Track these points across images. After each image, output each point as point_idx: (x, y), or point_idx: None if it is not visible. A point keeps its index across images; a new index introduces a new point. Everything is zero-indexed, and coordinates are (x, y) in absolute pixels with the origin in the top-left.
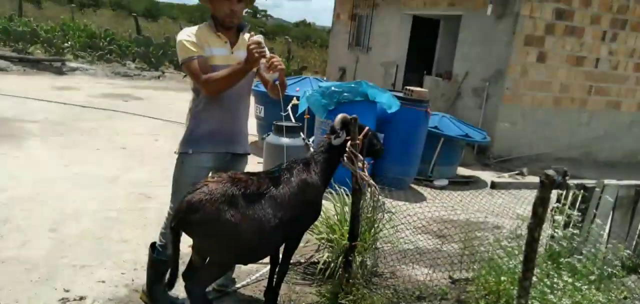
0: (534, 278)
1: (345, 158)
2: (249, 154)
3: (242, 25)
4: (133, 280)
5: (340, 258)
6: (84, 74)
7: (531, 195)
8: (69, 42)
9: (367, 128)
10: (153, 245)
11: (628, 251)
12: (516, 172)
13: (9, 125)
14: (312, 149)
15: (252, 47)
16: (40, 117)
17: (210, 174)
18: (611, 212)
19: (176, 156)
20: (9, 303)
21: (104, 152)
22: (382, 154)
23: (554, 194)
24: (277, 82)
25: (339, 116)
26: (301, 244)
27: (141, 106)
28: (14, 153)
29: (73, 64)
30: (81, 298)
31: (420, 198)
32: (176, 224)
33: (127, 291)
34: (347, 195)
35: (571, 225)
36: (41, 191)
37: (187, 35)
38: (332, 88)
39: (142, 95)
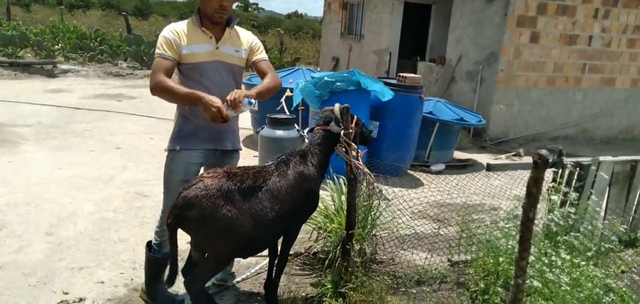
0: (532, 257)
1: (339, 148)
2: (240, 149)
3: (230, 19)
4: (132, 279)
5: (339, 247)
6: (76, 76)
7: (527, 175)
8: (60, 44)
9: (355, 117)
10: (149, 244)
11: (624, 226)
12: (513, 153)
13: (1, 130)
14: (307, 141)
15: (214, 109)
16: (33, 121)
17: (201, 170)
18: (607, 189)
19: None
20: None
21: (99, 153)
22: (371, 140)
23: (550, 173)
24: (252, 104)
25: (337, 105)
26: (300, 235)
27: (134, 105)
28: (8, 158)
29: (64, 66)
30: (80, 300)
31: (418, 183)
32: (173, 220)
33: (126, 291)
34: (344, 183)
35: (568, 203)
36: (36, 195)
37: (167, 32)
38: (325, 78)
39: (135, 94)
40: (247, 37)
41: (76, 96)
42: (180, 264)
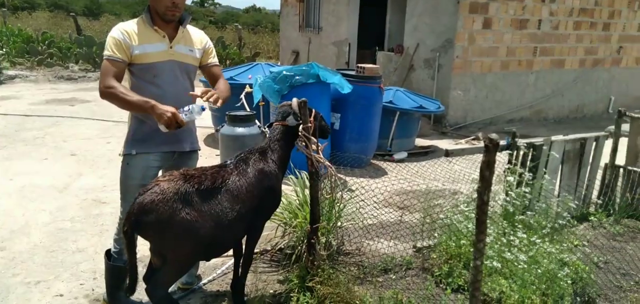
0: (491, 238)
1: (299, 142)
2: (198, 149)
3: (183, 17)
4: (93, 289)
5: (304, 241)
6: (24, 82)
7: None
8: (4, 49)
9: (314, 110)
10: (108, 252)
11: (576, 202)
12: (472, 137)
13: None
14: (268, 137)
15: (168, 116)
16: None
17: (160, 173)
18: (560, 167)
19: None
20: None
21: (52, 161)
22: (330, 133)
23: (506, 155)
24: (204, 109)
25: (294, 100)
26: (265, 232)
27: (89, 109)
28: None
29: (11, 72)
30: None
31: (381, 173)
32: (129, 228)
33: (87, 302)
34: (307, 178)
35: (523, 183)
36: None
37: (116, 32)
38: (284, 73)
39: (88, 97)
40: (200, 37)
41: (26, 102)
42: (142, 271)
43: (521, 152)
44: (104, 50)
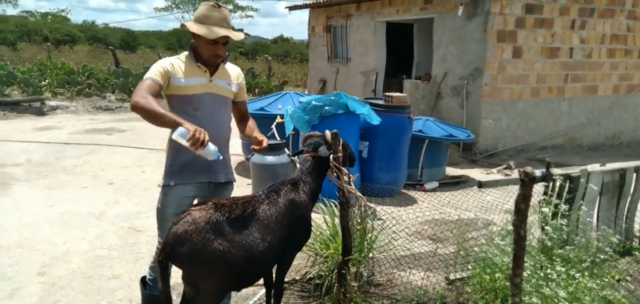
0: (528, 272)
1: (330, 173)
2: (234, 181)
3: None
4: None
5: (335, 271)
6: (65, 112)
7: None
8: (47, 80)
9: (342, 140)
10: (144, 279)
11: (618, 237)
12: (504, 166)
13: None
14: (298, 165)
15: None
16: (22, 160)
17: (195, 202)
18: (598, 198)
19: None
20: None
21: (91, 189)
22: (355, 160)
23: (541, 186)
24: (219, 158)
25: (327, 132)
26: (296, 261)
27: (125, 138)
28: None
29: (53, 103)
30: None
31: (412, 202)
32: (164, 257)
33: None
34: (336, 206)
35: (559, 215)
36: (28, 236)
37: (164, 62)
38: (313, 102)
39: (125, 127)
40: (236, 73)
41: (66, 132)
42: (177, 299)
43: (557, 184)
44: (147, 73)
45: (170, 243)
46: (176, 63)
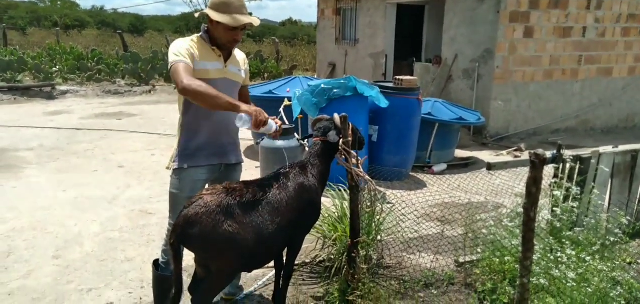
0: (538, 255)
1: (338, 156)
2: (242, 162)
3: None
4: (141, 298)
5: (344, 254)
6: (75, 96)
7: (528, 171)
8: (57, 66)
9: (351, 124)
10: (156, 262)
11: (628, 218)
12: (514, 148)
13: (4, 155)
14: (307, 149)
15: (260, 119)
16: (35, 145)
17: (206, 186)
18: (609, 180)
19: (170, 172)
20: None
21: (102, 173)
22: (364, 144)
23: (552, 168)
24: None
25: (336, 115)
26: (305, 244)
27: (135, 123)
28: (12, 183)
29: (63, 88)
30: None
31: (421, 185)
32: (175, 239)
33: None
34: (345, 191)
35: (570, 198)
36: (42, 218)
37: (183, 42)
38: (322, 86)
39: (134, 111)
40: (243, 58)
41: (76, 116)
42: (188, 281)
43: (568, 166)
44: (173, 56)
45: (181, 225)
46: (196, 46)
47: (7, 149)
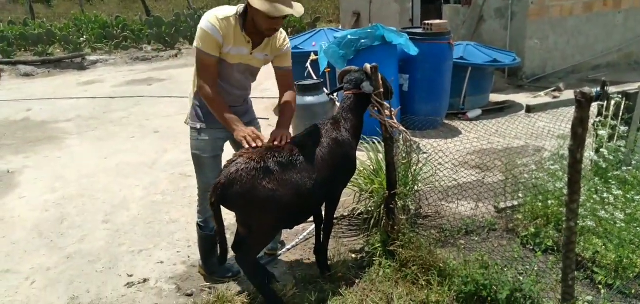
0: (583, 196)
1: (371, 109)
2: (256, 119)
3: None
4: (189, 257)
5: (382, 206)
6: (104, 65)
7: (570, 112)
8: (85, 36)
9: (380, 74)
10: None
11: None
12: (552, 88)
13: (46, 128)
14: (337, 103)
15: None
16: (72, 115)
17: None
18: None
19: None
20: (82, 293)
21: (139, 139)
22: (392, 94)
23: (595, 106)
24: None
25: (366, 66)
26: (342, 198)
27: (165, 87)
28: (56, 154)
29: (93, 58)
30: (145, 280)
31: (456, 133)
32: (216, 199)
33: (185, 268)
34: (379, 143)
35: (616, 137)
36: (88, 186)
37: (211, 27)
38: (349, 37)
39: (163, 76)
40: (282, 38)
41: (108, 85)
42: (230, 239)
43: (613, 103)
44: (198, 43)
45: (221, 185)
46: (226, 29)
47: (48, 122)
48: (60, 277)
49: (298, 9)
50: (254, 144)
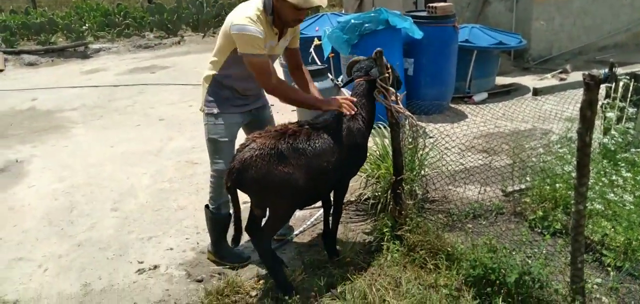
0: (592, 179)
1: (376, 94)
2: (268, 103)
3: None
4: (198, 243)
5: (389, 191)
6: (108, 54)
7: (578, 94)
8: (87, 24)
9: (387, 61)
10: (208, 206)
11: None
12: (559, 70)
13: (52, 117)
14: (342, 90)
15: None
16: (77, 104)
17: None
18: None
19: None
20: (94, 280)
21: (144, 127)
22: (401, 84)
23: (603, 88)
24: None
25: (377, 50)
26: (350, 183)
27: (168, 75)
28: (63, 143)
29: (96, 46)
30: (155, 267)
31: (462, 117)
32: (232, 183)
33: (194, 254)
34: (385, 128)
35: (624, 119)
36: (95, 174)
37: (256, 31)
38: (352, 21)
39: (167, 63)
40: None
41: (112, 73)
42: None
43: (621, 84)
44: (249, 50)
45: (236, 168)
46: (261, 23)
47: (53, 111)
48: (71, 264)
49: (325, 0)
50: (352, 111)
